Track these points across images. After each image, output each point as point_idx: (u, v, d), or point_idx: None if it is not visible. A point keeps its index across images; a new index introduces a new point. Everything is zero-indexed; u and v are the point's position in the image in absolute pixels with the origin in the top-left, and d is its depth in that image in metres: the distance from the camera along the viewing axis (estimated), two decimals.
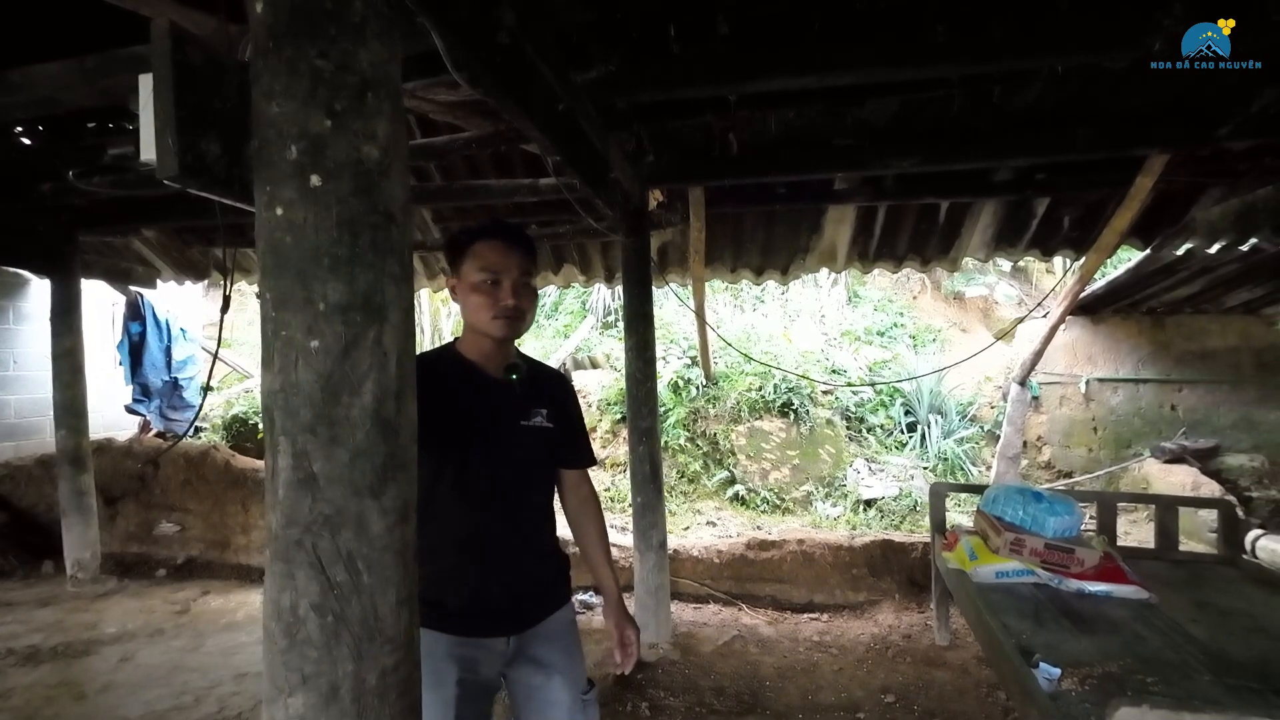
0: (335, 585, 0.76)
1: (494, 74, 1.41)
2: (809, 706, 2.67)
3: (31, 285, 5.15)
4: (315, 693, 0.75)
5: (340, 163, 0.77)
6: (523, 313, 1.32)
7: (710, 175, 3.06)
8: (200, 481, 4.60)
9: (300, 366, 0.75)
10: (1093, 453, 5.32)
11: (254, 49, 0.77)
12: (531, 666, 1.36)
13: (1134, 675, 1.80)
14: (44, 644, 3.21)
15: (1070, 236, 3.96)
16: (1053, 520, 2.52)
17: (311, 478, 0.75)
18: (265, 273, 0.77)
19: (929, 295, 7.49)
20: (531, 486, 1.40)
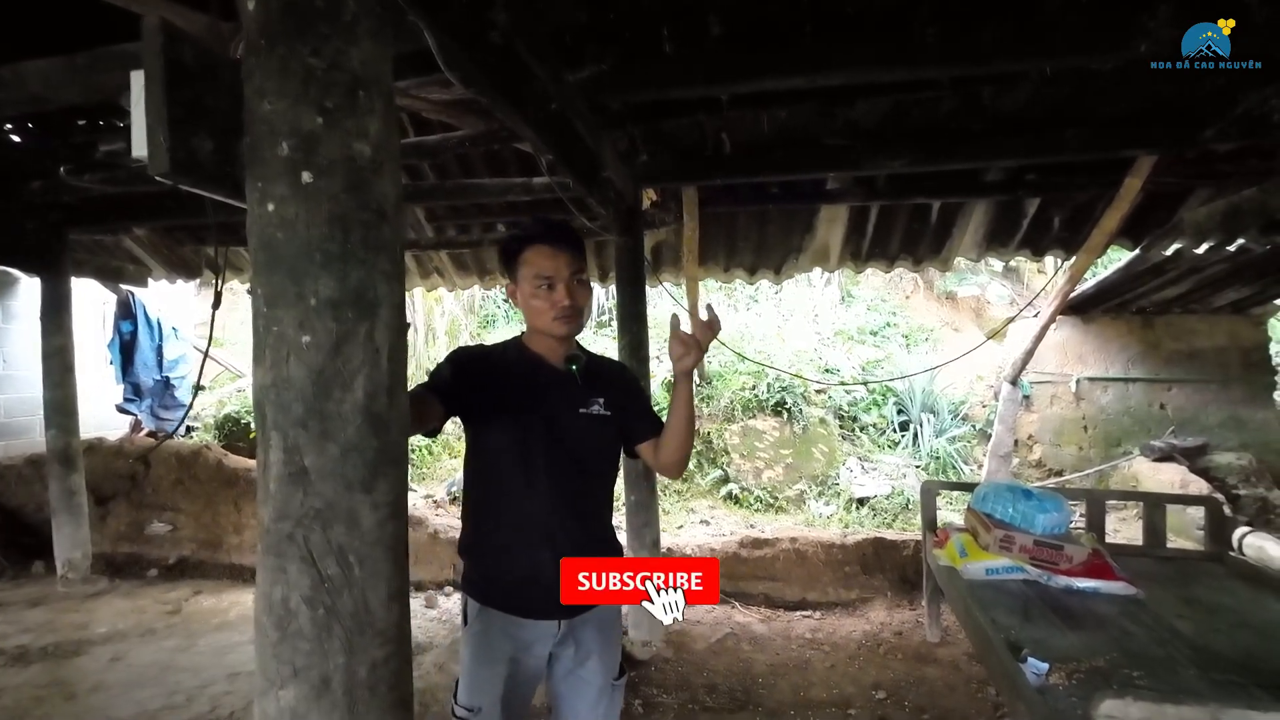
0: (327, 579, 0.77)
1: (486, 74, 1.41)
2: (801, 703, 2.69)
3: (21, 284, 5.12)
4: (306, 685, 0.76)
5: (332, 160, 0.77)
6: (579, 309, 1.39)
7: (703, 175, 3.07)
8: (192, 481, 4.58)
9: (292, 361, 0.76)
10: (1083, 451, 5.36)
11: (246, 47, 0.78)
12: (573, 648, 1.43)
13: (1120, 670, 1.82)
14: (34, 644, 3.19)
15: (1060, 237, 3.98)
16: (1042, 517, 2.55)
17: (303, 472, 0.76)
18: (257, 268, 0.78)
19: (922, 295, 7.53)
20: (588, 472, 1.44)
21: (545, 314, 1.37)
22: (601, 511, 1.50)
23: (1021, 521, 2.59)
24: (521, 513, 1.37)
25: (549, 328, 1.39)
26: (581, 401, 1.43)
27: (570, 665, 1.44)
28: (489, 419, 1.39)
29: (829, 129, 2.61)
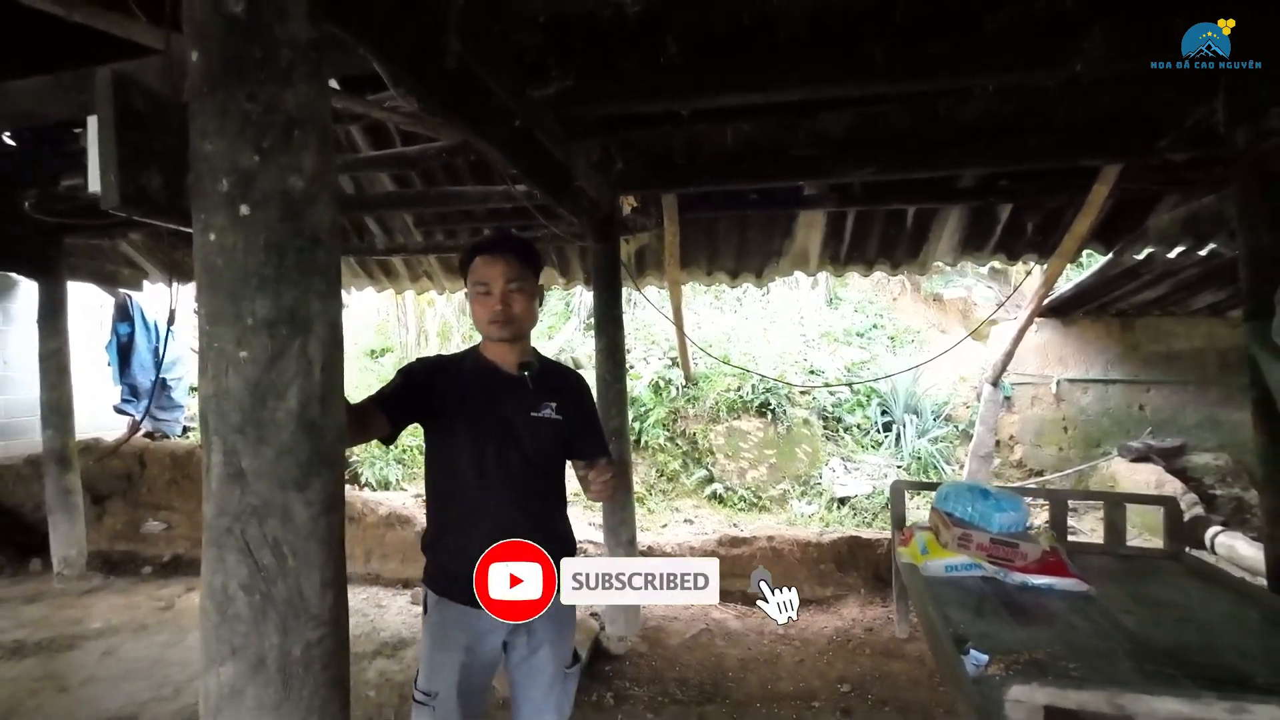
0: (262, 568, 0.86)
1: (440, 96, 1.50)
2: (767, 695, 2.77)
3: (20, 287, 5.22)
4: (244, 662, 0.85)
5: (268, 193, 0.86)
6: (511, 315, 1.47)
7: (677, 183, 3.16)
8: (186, 481, 4.68)
9: (230, 374, 0.85)
10: (1063, 451, 5.44)
11: (190, 92, 0.87)
12: (526, 637, 1.51)
13: (1058, 661, 1.90)
14: (29, 639, 3.29)
15: (1034, 241, 4.06)
16: (999, 516, 2.63)
17: (240, 473, 0.85)
18: (200, 290, 0.87)
19: (909, 297, 7.60)
20: (541, 471, 1.53)
21: (482, 318, 1.48)
22: (552, 509, 1.59)
23: (979, 520, 2.67)
24: (475, 510, 1.47)
25: (485, 331, 1.50)
26: (533, 405, 1.52)
27: (524, 654, 1.53)
28: (444, 422, 1.48)
29: (794, 140, 2.69)
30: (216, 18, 0.86)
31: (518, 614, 1.26)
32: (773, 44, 1.96)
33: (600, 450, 1.62)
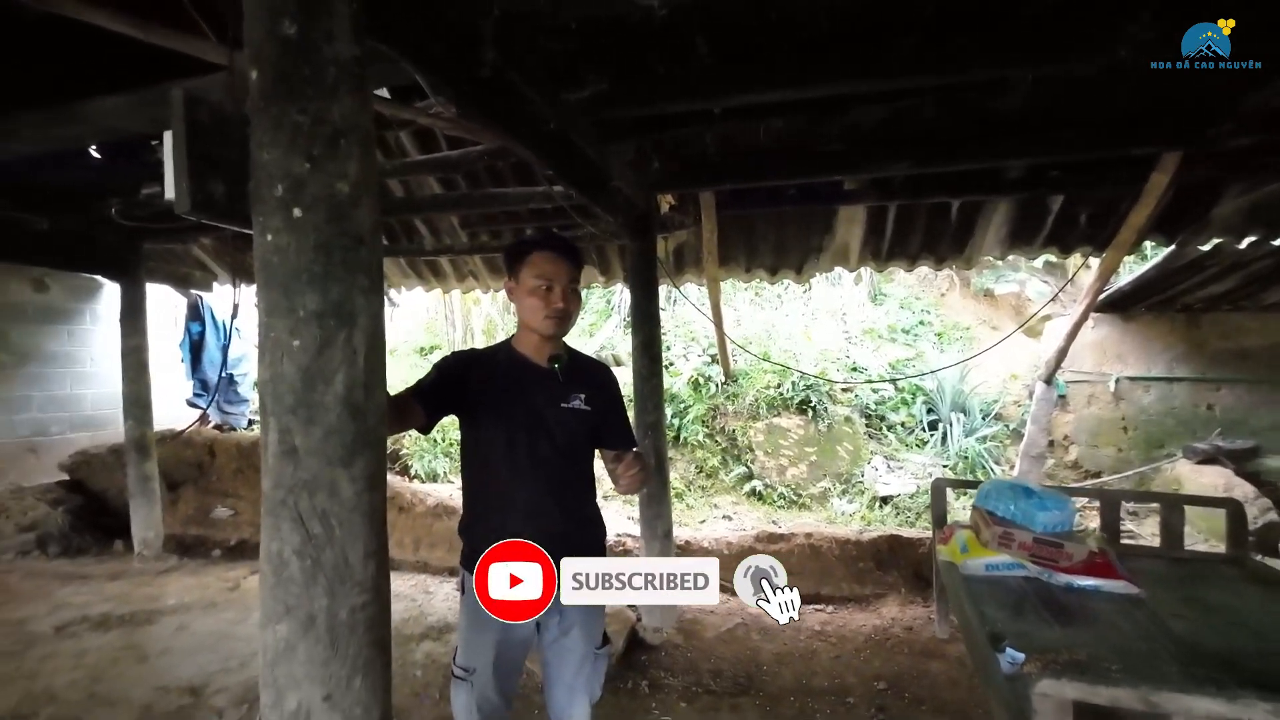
0: (312, 536, 0.95)
1: (477, 104, 1.59)
2: (801, 690, 2.78)
3: (105, 289, 5.65)
4: (296, 621, 0.94)
5: (317, 197, 0.95)
6: (569, 314, 1.57)
7: (712, 181, 3.19)
8: (251, 470, 4.98)
9: (284, 361, 0.95)
10: (1122, 452, 5.20)
11: (250, 107, 0.96)
12: (557, 618, 1.58)
13: (1099, 662, 1.85)
14: (113, 612, 3.57)
15: (1088, 233, 3.91)
16: (1042, 515, 2.57)
17: (293, 450, 0.94)
18: (259, 286, 0.96)
19: (957, 292, 7.39)
20: (571, 460, 1.61)
21: (539, 312, 1.54)
22: (581, 494, 1.66)
23: (1022, 519, 2.61)
24: (507, 496, 1.55)
25: (540, 326, 1.55)
26: (563, 396, 1.58)
27: (556, 634, 1.61)
28: (478, 414, 1.57)
29: (826, 135, 2.69)
30: (272, 39, 0.95)
31: (517, 614, 1.26)
32: (801, 40, 1.97)
33: (627, 442, 1.68)
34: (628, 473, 1.55)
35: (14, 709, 2.56)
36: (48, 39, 2.16)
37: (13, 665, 2.91)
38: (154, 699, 2.65)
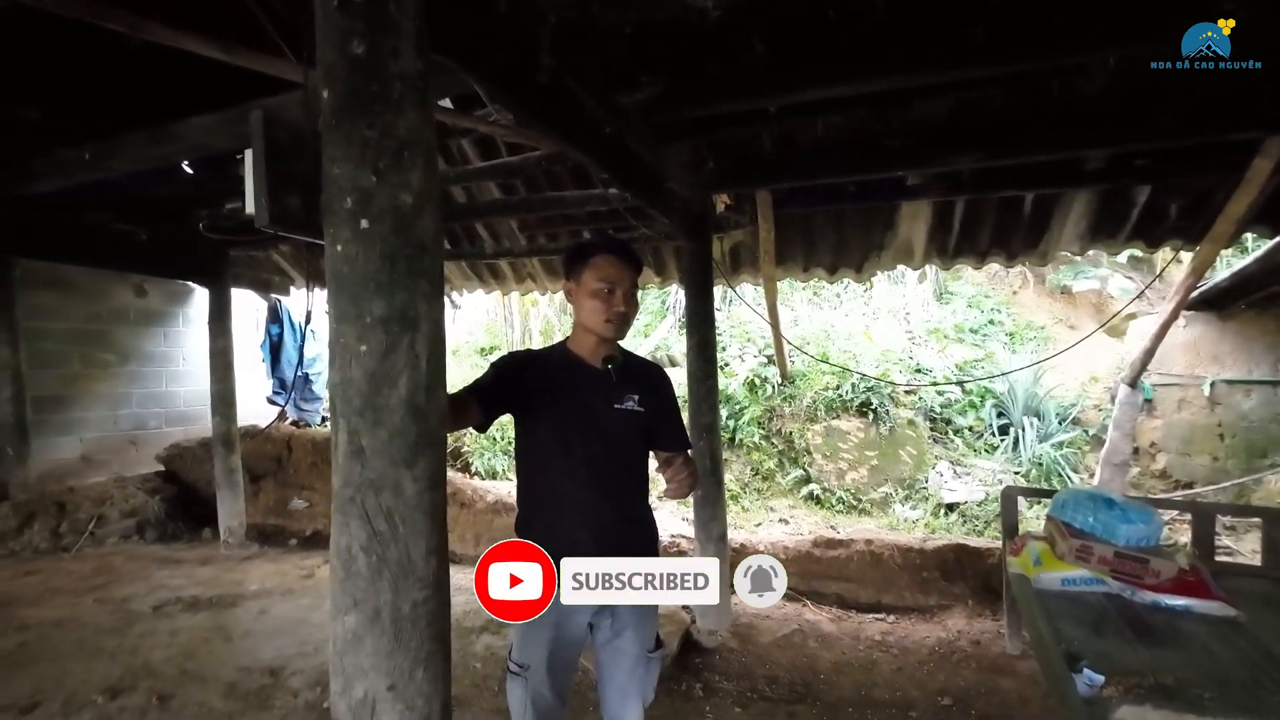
0: (378, 533, 0.99)
1: (533, 111, 1.62)
2: (861, 701, 2.70)
3: (195, 293, 6.07)
4: (363, 614, 0.99)
5: (383, 209, 1.00)
6: (628, 318, 1.58)
7: (769, 179, 3.14)
8: (324, 465, 5.25)
9: (353, 365, 0.99)
10: (1218, 462, 4.80)
11: (322, 124, 1.02)
12: (610, 620, 1.60)
13: (1189, 688, 1.72)
14: (203, 595, 3.84)
15: (1178, 226, 3.63)
16: (1125, 528, 2.40)
17: (360, 450, 0.99)
18: (330, 294, 1.02)
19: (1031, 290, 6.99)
20: (624, 461, 1.62)
21: (599, 314, 1.54)
22: (634, 495, 1.67)
23: (1102, 531, 2.45)
24: (562, 496, 1.56)
25: (599, 328, 1.56)
26: (616, 397, 1.59)
27: (608, 636, 1.62)
28: (533, 413, 1.60)
29: (888, 130, 2.60)
30: (343, 58, 1.00)
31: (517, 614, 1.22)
32: (860, 33, 1.92)
33: (680, 443, 1.67)
34: (676, 476, 1.54)
35: (118, 680, 2.78)
36: (144, 66, 2.35)
37: (116, 641, 3.17)
38: (238, 678, 2.83)
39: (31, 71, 2.48)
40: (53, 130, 2.86)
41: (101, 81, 2.56)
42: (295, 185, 1.02)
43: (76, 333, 5.31)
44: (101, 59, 2.36)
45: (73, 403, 5.29)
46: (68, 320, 5.25)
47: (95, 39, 2.08)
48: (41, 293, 5.03)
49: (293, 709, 2.60)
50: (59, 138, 2.86)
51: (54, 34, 2.17)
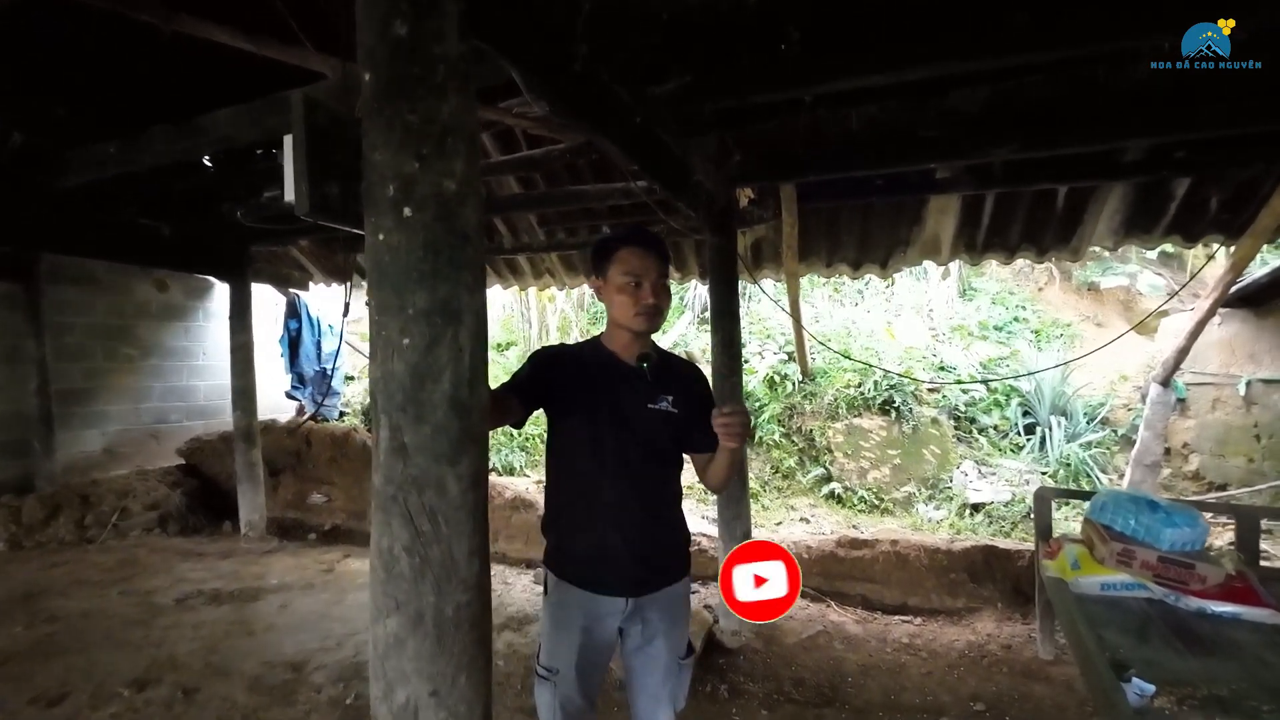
0: (421, 533, 0.95)
1: (567, 100, 1.58)
2: (890, 705, 2.65)
3: (215, 288, 6.12)
4: (406, 617, 0.96)
5: (426, 197, 0.96)
6: (660, 310, 1.52)
7: (796, 172, 3.07)
8: (344, 459, 5.26)
9: (395, 359, 0.96)
10: (1254, 464, 4.67)
11: (362, 108, 0.98)
12: (641, 626, 1.55)
13: (1245, 701, 1.66)
14: (225, 589, 3.86)
15: (1219, 220, 3.52)
16: (1169, 532, 2.33)
17: (403, 447, 0.95)
18: (371, 285, 0.98)
19: (1057, 287, 6.85)
20: (657, 462, 1.57)
21: (629, 308, 1.49)
22: (666, 498, 1.61)
23: (1145, 535, 2.38)
24: (592, 496, 1.52)
25: (630, 322, 1.51)
26: (650, 397, 1.54)
27: (639, 641, 1.57)
28: (565, 410, 1.56)
29: (923, 120, 2.53)
30: (384, 41, 0.96)
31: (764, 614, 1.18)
32: (899, 21, 1.85)
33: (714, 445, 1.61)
34: (730, 419, 1.39)
35: (144, 673, 2.79)
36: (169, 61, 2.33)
37: (142, 633, 3.19)
38: (261, 672, 2.83)
39: (58, 66, 2.48)
40: (78, 125, 2.87)
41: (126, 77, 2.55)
42: (334, 172, 0.98)
43: (100, 327, 5.36)
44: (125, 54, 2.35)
45: (96, 396, 5.34)
46: (91, 315, 5.30)
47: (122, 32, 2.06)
48: (66, 288, 5.08)
49: (316, 705, 2.59)
50: (86, 133, 2.87)
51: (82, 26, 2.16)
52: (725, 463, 1.53)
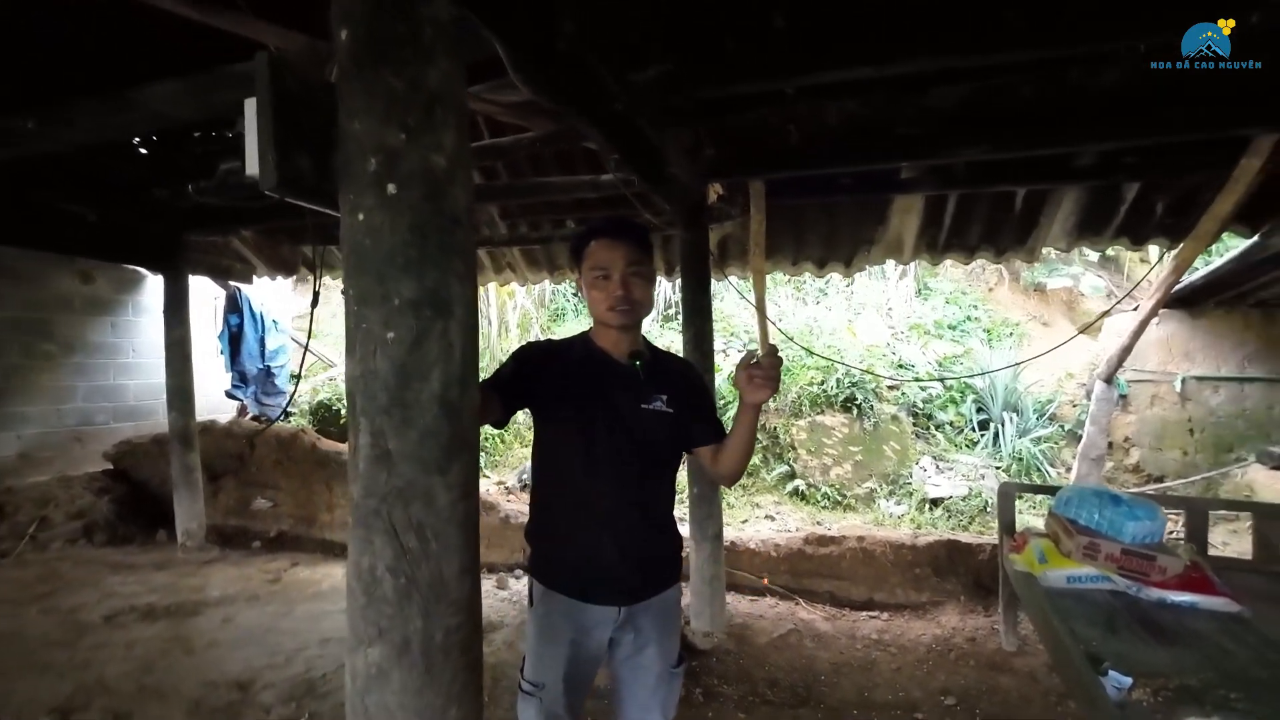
0: (407, 551, 0.85)
1: (552, 80, 1.48)
2: (864, 703, 2.65)
3: (147, 281, 5.70)
4: (390, 645, 0.85)
5: (412, 172, 0.85)
6: (634, 300, 1.41)
7: (770, 168, 3.04)
8: (290, 462, 4.97)
9: (378, 355, 0.85)
10: (1188, 456, 4.94)
11: (339, 71, 0.86)
12: (634, 634, 1.48)
13: (1215, 690, 1.69)
14: (159, 603, 3.57)
15: (1164, 224, 3.68)
16: (1132, 525, 2.39)
17: (386, 455, 0.85)
18: (348, 272, 0.87)
19: (1006, 287, 7.11)
20: (652, 465, 1.49)
21: (601, 304, 1.41)
22: (661, 502, 1.54)
23: (1109, 529, 2.44)
24: (583, 502, 1.43)
25: (604, 317, 1.43)
26: (643, 397, 1.46)
27: (629, 651, 1.49)
28: (553, 410, 1.46)
29: (901, 117, 2.53)
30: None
31: None
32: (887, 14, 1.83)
33: (720, 434, 1.54)
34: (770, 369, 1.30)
35: (69, 699, 2.55)
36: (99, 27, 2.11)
37: (66, 655, 2.91)
38: (203, 694, 2.62)
39: None
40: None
41: (50, 44, 2.29)
42: (305, 143, 0.86)
43: (15, 321, 4.91)
44: (49, 17, 2.11)
45: (10, 396, 4.89)
46: (6, 308, 4.85)
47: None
48: None
49: None
50: None
51: None
52: (744, 439, 1.42)
